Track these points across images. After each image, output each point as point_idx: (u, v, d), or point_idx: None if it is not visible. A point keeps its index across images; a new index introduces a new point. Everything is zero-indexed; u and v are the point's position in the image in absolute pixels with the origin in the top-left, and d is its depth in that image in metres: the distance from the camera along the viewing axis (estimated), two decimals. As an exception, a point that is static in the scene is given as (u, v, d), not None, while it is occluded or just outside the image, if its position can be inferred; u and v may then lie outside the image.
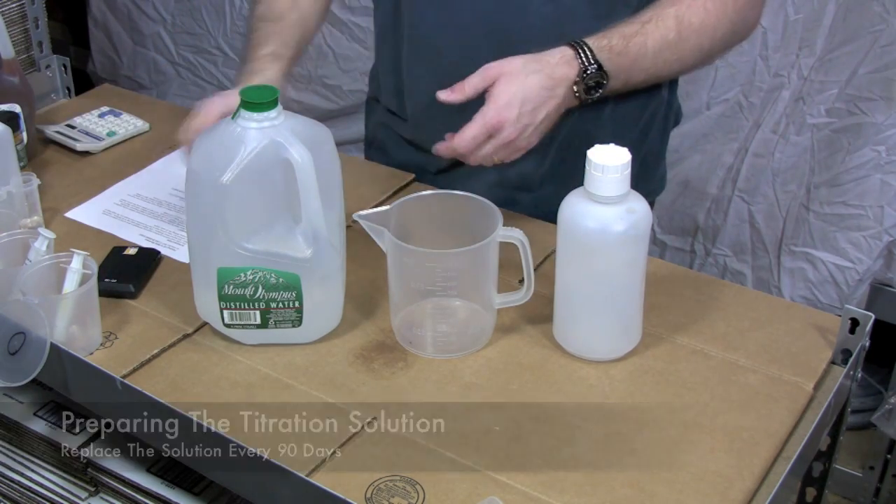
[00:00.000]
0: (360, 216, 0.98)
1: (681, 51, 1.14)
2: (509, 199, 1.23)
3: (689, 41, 1.13)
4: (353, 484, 0.86)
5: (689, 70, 1.21)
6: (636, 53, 1.12)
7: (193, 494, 1.03)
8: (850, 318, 0.98)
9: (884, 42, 1.71)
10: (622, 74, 1.12)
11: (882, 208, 1.81)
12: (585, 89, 1.11)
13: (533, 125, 1.08)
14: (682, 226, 2.05)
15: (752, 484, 0.87)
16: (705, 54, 1.17)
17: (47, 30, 1.58)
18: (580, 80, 1.10)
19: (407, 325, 1.02)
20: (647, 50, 1.12)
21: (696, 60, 1.17)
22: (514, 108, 1.07)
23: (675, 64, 1.16)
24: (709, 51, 1.16)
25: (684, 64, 1.17)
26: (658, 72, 1.16)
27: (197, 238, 1.00)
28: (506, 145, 1.08)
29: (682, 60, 1.16)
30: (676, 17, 1.12)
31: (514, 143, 1.09)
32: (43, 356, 0.96)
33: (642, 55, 1.12)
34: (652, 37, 1.12)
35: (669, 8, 1.12)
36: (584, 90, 1.11)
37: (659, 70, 1.15)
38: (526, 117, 1.07)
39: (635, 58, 1.12)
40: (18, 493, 1.15)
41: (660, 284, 1.08)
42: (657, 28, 1.12)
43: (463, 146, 1.08)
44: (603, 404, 0.95)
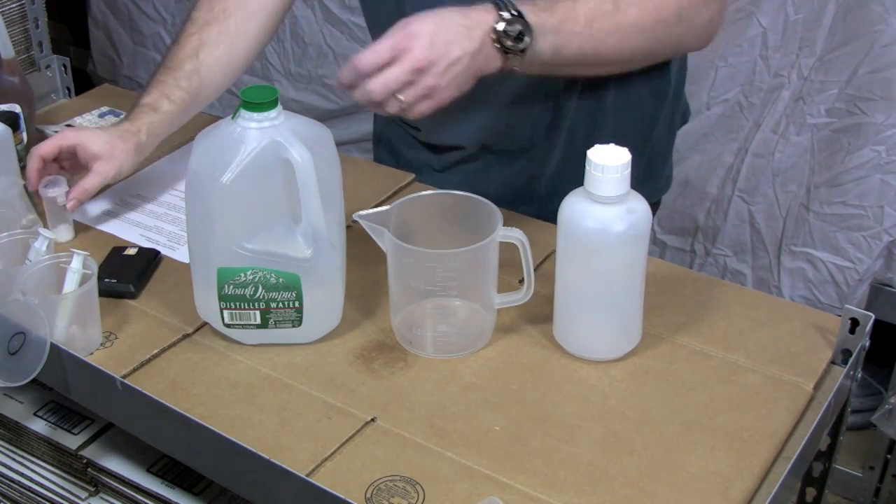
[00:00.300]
0: (360, 216, 0.98)
1: (619, 25, 1.08)
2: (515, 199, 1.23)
3: (627, 16, 1.07)
4: (353, 484, 0.86)
5: (639, 56, 1.14)
6: (564, 15, 1.06)
7: (193, 494, 1.03)
8: (850, 318, 0.98)
9: (884, 42, 1.71)
10: (549, 35, 1.05)
11: (882, 208, 1.81)
12: (507, 41, 1.03)
13: (446, 60, 1.00)
14: (682, 226, 2.05)
15: (752, 484, 0.87)
16: (651, 38, 1.10)
17: (47, 30, 1.58)
18: (500, 30, 1.02)
19: (407, 325, 1.02)
20: (578, 15, 1.06)
21: (641, 43, 1.11)
22: (426, 36, 1.00)
23: (616, 39, 1.09)
24: (655, 35, 1.10)
25: (627, 41, 1.10)
26: (597, 45, 1.08)
27: (197, 238, 1.00)
28: (413, 73, 0.99)
29: (624, 37, 1.09)
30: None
31: (423, 77, 1.00)
32: (43, 356, 0.96)
33: (572, 18, 1.06)
34: (583, 3, 1.06)
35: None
36: (505, 41, 1.03)
37: (597, 43, 1.08)
38: (439, 48, 1.00)
39: (563, 19, 1.06)
40: (18, 493, 1.15)
41: (660, 284, 1.08)
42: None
43: (363, 63, 1.00)
44: (603, 404, 0.95)
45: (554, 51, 1.06)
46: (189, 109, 1.26)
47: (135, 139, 1.22)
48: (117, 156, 1.20)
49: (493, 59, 1.04)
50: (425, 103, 1.02)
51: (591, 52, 1.08)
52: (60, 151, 1.20)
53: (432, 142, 1.32)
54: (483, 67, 1.04)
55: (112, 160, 1.20)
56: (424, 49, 0.99)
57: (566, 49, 1.07)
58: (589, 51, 1.08)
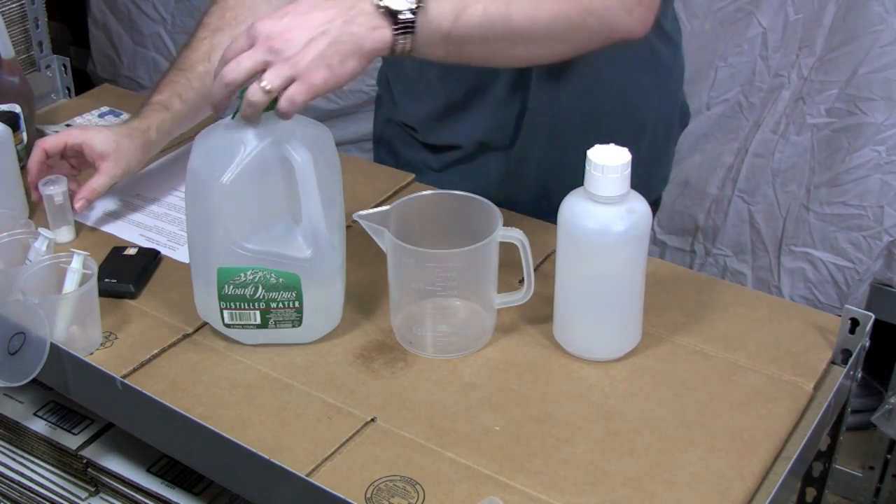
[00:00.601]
0: (360, 216, 0.98)
1: None
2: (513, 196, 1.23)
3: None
4: (353, 484, 0.86)
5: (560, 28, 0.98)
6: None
7: (193, 494, 1.03)
8: (850, 318, 0.98)
9: (884, 42, 1.71)
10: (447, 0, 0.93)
11: (882, 208, 1.81)
12: (392, 4, 0.91)
13: (306, 32, 0.90)
14: (682, 226, 2.05)
15: (752, 484, 0.87)
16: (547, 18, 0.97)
17: (47, 30, 1.58)
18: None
19: (407, 325, 1.02)
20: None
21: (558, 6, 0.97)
22: (281, 14, 0.91)
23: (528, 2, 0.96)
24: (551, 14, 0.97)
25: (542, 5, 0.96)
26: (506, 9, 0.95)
27: (197, 238, 1.00)
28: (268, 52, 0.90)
29: None
30: None
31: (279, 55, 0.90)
32: (43, 356, 0.96)
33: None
34: None
35: None
36: (390, 4, 0.91)
37: (505, 6, 0.95)
38: (294, 18, 0.90)
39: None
40: (18, 493, 1.15)
41: (660, 284, 1.08)
42: None
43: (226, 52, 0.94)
44: (603, 404, 0.95)
45: (454, 16, 0.93)
46: (200, 111, 1.26)
47: (143, 137, 1.21)
48: (125, 154, 1.20)
49: (378, 30, 0.91)
50: (295, 88, 0.91)
51: (501, 19, 0.95)
52: (66, 148, 1.20)
53: (430, 142, 1.33)
54: (364, 41, 0.91)
55: (120, 159, 1.20)
56: (276, 22, 0.90)
57: (469, 14, 0.94)
58: (497, 17, 0.95)
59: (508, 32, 0.96)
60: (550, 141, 1.24)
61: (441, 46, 0.95)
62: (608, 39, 1.01)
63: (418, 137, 1.34)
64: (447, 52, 0.97)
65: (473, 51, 0.98)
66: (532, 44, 0.99)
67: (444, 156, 1.32)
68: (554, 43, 1.00)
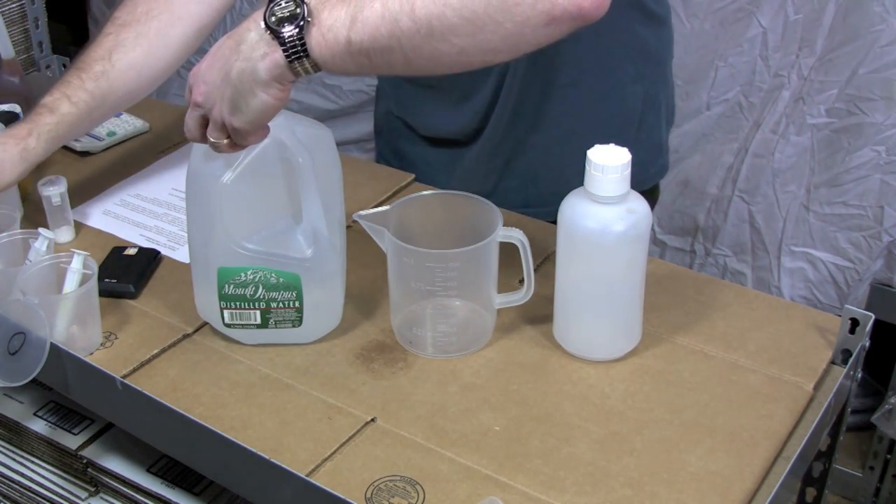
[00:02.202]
0: (360, 216, 0.98)
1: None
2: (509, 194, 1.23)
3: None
4: (353, 484, 0.86)
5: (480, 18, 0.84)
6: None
7: (193, 494, 1.03)
8: (850, 318, 0.98)
9: (884, 42, 1.71)
10: (339, 6, 0.85)
11: (882, 208, 1.81)
12: (276, 20, 0.85)
13: (215, 87, 0.89)
14: (682, 226, 2.05)
15: (752, 484, 0.87)
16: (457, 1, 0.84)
17: (47, 30, 1.58)
18: (268, 10, 0.85)
19: (407, 325, 1.02)
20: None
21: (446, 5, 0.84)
22: (199, 70, 0.91)
23: None
24: None
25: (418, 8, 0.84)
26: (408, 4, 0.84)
27: (197, 238, 1.00)
28: (195, 108, 0.92)
29: None
30: None
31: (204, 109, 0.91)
32: (43, 356, 0.96)
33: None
34: None
35: None
36: (274, 20, 0.85)
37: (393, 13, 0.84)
38: (207, 75, 0.90)
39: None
40: (18, 493, 1.15)
41: (660, 284, 1.08)
42: None
43: None
44: (603, 404, 0.95)
45: (351, 20, 0.85)
46: (93, 113, 1.18)
47: (20, 144, 1.12)
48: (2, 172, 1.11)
49: (267, 57, 0.86)
50: (236, 139, 0.91)
51: (404, 12, 0.84)
52: None
53: (429, 135, 1.32)
54: (257, 73, 0.87)
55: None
56: (199, 83, 0.91)
57: (367, 14, 0.84)
58: (399, 10, 0.84)
59: (418, 27, 0.84)
60: (538, 133, 1.24)
61: (348, 58, 0.86)
62: (553, 19, 0.85)
63: (419, 131, 1.33)
64: (357, 63, 0.87)
65: (389, 57, 0.87)
66: (453, 36, 0.85)
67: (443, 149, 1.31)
68: (480, 33, 0.85)
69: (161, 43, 1.22)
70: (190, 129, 0.94)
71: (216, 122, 0.91)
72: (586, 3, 0.85)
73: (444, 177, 1.29)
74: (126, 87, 1.21)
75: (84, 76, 1.17)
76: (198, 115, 0.92)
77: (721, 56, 1.87)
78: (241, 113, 0.89)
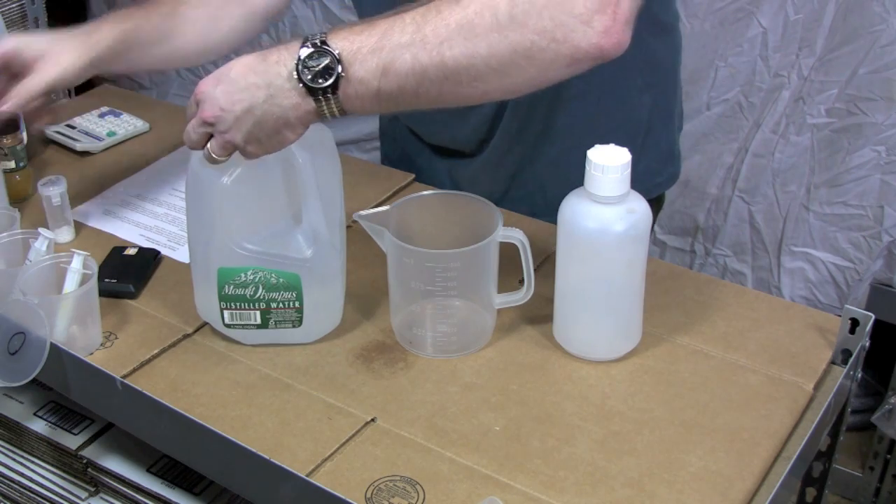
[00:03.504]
0: (360, 216, 0.98)
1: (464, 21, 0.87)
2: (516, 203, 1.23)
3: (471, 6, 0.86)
4: (353, 484, 0.86)
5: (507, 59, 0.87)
6: (386, 27, 0.88)
7: (193, 494, 1.03)
8: (850, 318, 0.98)
9: (884, 42, 1.71)
10: (370, 57, 0.87)
11: (882, 208, 1.81)
12: (310, 78, 0.88)
13: (232, 114, 0.90)
14: (682, 226, 2.05)
15: (752, 484, 0.87)
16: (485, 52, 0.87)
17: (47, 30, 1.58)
18: (301, 62, 0.88)
19: (407, 325, 1.02)
20: (405, 21, 0.88)
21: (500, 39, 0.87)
22: (211, 87, 0.91)
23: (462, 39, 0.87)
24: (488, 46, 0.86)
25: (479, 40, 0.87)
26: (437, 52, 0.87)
27: (197, 238, 1.00)
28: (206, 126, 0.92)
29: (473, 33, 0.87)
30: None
31: (216, 129, 0.92)
32: (43, 356, 0.96)
33: (397, 28, 0.88)
34: (415, 9, 0.89)
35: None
36: (307, 78, 0.88)
37: (436, 49, 0.87)
38: (222, 100, 0.90)
39: (385, 31, 0.88)
40: (18, 493, 1.15)
41: (660, 284, 1.08)
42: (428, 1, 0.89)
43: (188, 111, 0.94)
44: (603, 404, 0.95)
45: (382, 72, 0.88)
46: (153, 49, 1.16)
47: (88, 42, 1.12)
48: (63, 54, 1.11)
49: (301, 105, 0.89)
50: (237, 155, 0.94)
51: (433, 63, 0.87)
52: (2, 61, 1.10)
53: (434, 143, 1.32)
54: (288, 117, 0.90)
55: (58, 59, 1.10)
56: (210, 100, 0.91)
57: (397, 66, 0.87)
58: (428, 62, 0.87)
59: (446, 76, 0.88)
60: (546, 145, 1.24)
61: (375, 103, 0.90)
62: (575, 61, 0.88)
63: (424, 138, 1.33)
64: (384, 106, 0.91)
65: (414, 101, 0.90)
66: (479, 82, 0.88)
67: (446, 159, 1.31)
68: (506, 77, 0.89)
69: (224, 15, 1.22)
70: (192, 140, 0.94)
71: (225, 143, 0.92)
72: (607, 44, 0.88)
73: (449, 185, 1.29)
74: (187, 41, 1.20)
75: (150, 11, 1.15)
76: (203, 132, 0.93)
77: (721, 56, 1.87)
78: (260, 144, 0.92)
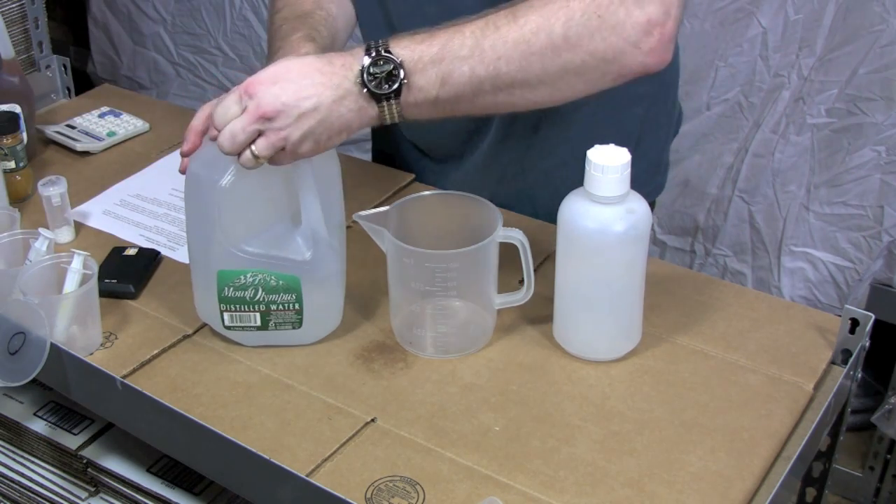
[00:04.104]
0: (359, 217, 0.98)
1: (520, 38, 0.92)
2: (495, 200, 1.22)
3: (528, 24, 0.92)
4: (353, 484, 0.86)
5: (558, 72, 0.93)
6: (446, 39, 0.92)
7: (193, 494, 1.03)
8: (850, 318, 0.98)
9: (884, 42, 1.71)
10: (430, 67, 0.92)
11: (882, 208, 1.81)
12: (375, 84, 0.91)
13: (297, 110, 0.90)
14: (682, 226, 2.05)
15: (752, 484, 0.87)
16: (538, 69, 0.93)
17: (47, 30, 1.58)
18: (365, 75, 0.91)
19: (407, 326, 1.02)
20: (464, 34, 0.92)
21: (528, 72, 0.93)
22: (273, 82, 0.91)
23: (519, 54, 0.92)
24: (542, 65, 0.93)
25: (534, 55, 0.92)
26: (493, 66, 0.92)
27: (196, 241, 1.00)
28: (260, 122, 0.91)
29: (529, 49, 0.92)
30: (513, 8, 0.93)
31: (271, 126, 0.91)
32: (43, 356, 0.96)
33: (457, 41, 0.92)
34: (472, 20, 0.93)
35: None
36: (372, 84, 0.91)
37: (493, 63, 0.92)
38: (288, 96, 0.90)
39: (445, 43, 0.92)
40: (18, 493, 1.15)
41: (660, 284, 1.08)
42: (485, 15, 0.94)
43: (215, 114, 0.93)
44: (603, 404, 0.95)
45: (441, 82, 0.93)
46: None
47: None
48: None
49: (365, 109, 0.93)
50: (280, 155, 0.93)
51: (489, 76, 0.93)
52: None
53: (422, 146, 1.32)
54: (352, 120, 0.93)
55: None
56: (270, 96, 0.90)
57: (455, 77, 0.92)
58: (485, 75, 0.93)
59: (500, 88, 0.94)
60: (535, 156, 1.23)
61: (431, 109, 0.95)
62: (620, 77, 0.95)
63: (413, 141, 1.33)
64: (439, 113, 0.96)
65: (469, 108, 0.96)
66: (530, 95, 0.95)
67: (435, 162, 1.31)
68: (556, 91, 0.95)
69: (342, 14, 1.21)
70: (238, 141, 0.91)
71: (277, 141, 0.91)
72: (652, 62, 0.94)
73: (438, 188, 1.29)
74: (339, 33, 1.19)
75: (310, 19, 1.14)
76: (255, 129, 0.91)
77: (721, 56, 1.87)
78: (317, 144, 0.93)
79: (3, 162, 1.25)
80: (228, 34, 2.43)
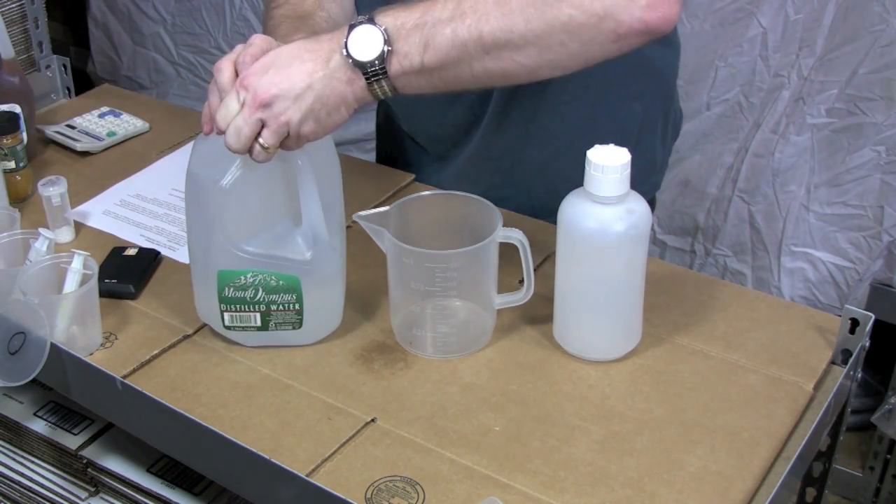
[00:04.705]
0: (359, 217, 0.98)
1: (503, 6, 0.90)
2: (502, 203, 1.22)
3: None
4: (353, 484, 0.86)
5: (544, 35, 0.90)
6: (429, 3, 0.92)
7: (193, 494, 1.03)
8: (850, 318, 0.98)
9: (884, 42, 1.71)
10: (413, 34, 0.91)
11: (882, 208, 1.81)
12: (359, 53, 0.91)
13: (293, 91, 0.91)
14: (682, 226, 2.05)
15: (752, 484, 0.87)
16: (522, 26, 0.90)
17: (47, 30, 1.58)
18: (349, 46, 0.91)
19: (407, 326, 1.02)
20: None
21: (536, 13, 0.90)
22: (263, 69, 0.91)
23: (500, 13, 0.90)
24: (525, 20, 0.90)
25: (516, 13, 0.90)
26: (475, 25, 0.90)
27: (197, 241, 1.00)
28: (260, 111, 0.91)
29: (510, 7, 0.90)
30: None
31: (272, 113, 0.91)
32: (43, 356, 0.96)
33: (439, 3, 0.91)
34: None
35: None
36: (356, 51, 0.91)
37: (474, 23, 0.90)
38: (280, 78, 0.91)
39: (425, 8, 0.92)
40: (18, 493, 1.15)
41: (660, 284, 1.08)
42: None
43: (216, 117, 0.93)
44: (603, 404, 0.95)
45: (424, 47, 0.91)
46: None
47: None
48: None
49: (355, 81, 0.92)
50: (289, 142, 0.93)
51: (472, 37, 0.90)
52: None
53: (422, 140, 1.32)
54: (345, 92, 0.93)
55: None
56: (263, 84, 0.91)
57: (438, 40, 0.91)
58: (467, 35, 0.90)
59: (485, 50, 0.91)
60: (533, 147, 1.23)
61: (421, 78, 0.93)
62: (620, 37, 0.90)
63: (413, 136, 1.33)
64: (430, 82, 0.94)
65: (456, 75, 0.93)
66: (520, 57, 0.92)
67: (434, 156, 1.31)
68: (547, 51, 0.91)
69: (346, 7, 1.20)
70: (244, 135, 0.91)
71: (280, 126, 0.91)
72: (651, 18, 0.89)
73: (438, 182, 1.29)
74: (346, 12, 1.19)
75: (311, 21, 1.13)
76: (257, 120, 0.91)
77: (721, 56, 1.87)
78: (319, 122, 0.93)
79: (3, 162, 1.25)
80: (228, 34, 2.43)
